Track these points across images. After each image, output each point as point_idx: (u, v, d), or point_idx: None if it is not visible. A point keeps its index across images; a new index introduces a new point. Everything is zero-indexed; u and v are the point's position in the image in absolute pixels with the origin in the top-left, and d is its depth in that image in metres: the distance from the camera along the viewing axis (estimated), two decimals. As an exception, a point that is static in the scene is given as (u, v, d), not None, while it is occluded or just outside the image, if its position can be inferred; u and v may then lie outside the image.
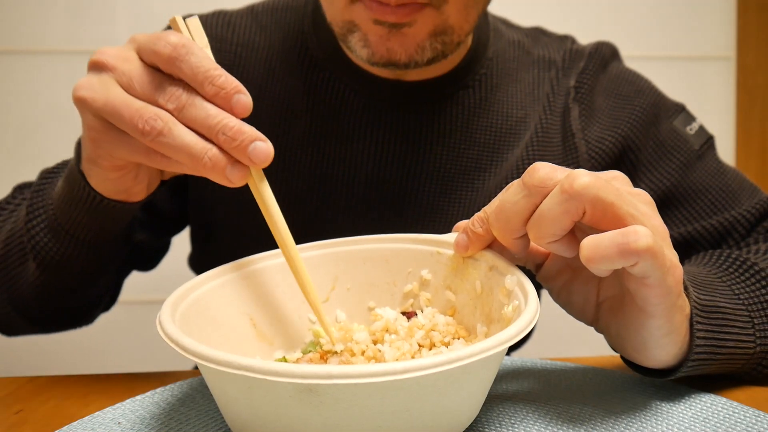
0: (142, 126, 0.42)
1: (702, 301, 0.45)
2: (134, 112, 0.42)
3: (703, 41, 1.51)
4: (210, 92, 0.42)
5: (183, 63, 0.42)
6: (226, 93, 0.43)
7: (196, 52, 0.43)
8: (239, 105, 0.43)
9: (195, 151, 0.42)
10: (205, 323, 0.44)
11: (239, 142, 0.42)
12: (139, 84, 0.43)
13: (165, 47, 0.43)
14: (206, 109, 0.42)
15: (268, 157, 0.43)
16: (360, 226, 0.68)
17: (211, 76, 0.42)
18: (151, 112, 0.42)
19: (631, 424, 0.42)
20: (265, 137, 0.43)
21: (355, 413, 0.34)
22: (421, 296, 0.49)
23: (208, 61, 0.43)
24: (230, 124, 0.42)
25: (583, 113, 0.71)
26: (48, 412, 0.46)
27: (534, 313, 0.38)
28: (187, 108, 0.42)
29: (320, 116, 0.68)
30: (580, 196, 0.38)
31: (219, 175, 0.43)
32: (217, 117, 0.42)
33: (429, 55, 0.60)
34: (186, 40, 0.43)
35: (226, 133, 0.42)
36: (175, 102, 0.43)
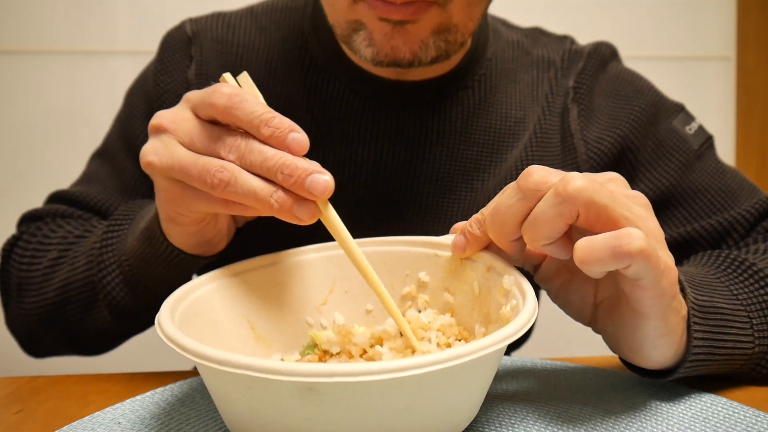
0: (210, 180, 0.43)
1: (700, 301, 0.45)
2: (201, 168, 0.44)
3: (703, 41, 1.51)
4: (266, 134, 0.44)
5: (238, 110, 0.44)
6: (281, 133, 0.44)
7: (249, 99, 0.44)
8: (295, 143, 0.44)
9: (261, 195, 0.43)
10: (203, 325, 0.44)
11: (296, 178, 0.43)
12: (199, 140, 0.45)
13: (220, 98, 0.44)
14: (263, 153, 0.44)
15: (327, 188, 0.43)
16: (359, 227, 0.68)
17: (266, 120, 0.44)
18: (216, 165, 0.44)
19: (631, 424, 0.42)
20: (325, 170, 0.44)
21: (356, 412, 0.34)
22: (420, 298, 0.49)
23: (261, 106, 0.44)
24: (286, 162, 0.43)
25: (582, 113, 0.71)
26: (48, 412, 0.46)
27: (532, 311, 0.38)
28: (247, 155, 0.44)
29: (320, 117, 0.68)
30: (574, 199, 0.38)
31: (287, 214, 0.44)
32: (274, 158, 0.43)
33: (432, 53, 0.60)
34: (238, 90, 0.45)
35: (284, 171, 0.43)
36: (235, 151, 0.44)
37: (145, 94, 0.72)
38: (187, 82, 0.70)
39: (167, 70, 0.71)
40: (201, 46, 0.71)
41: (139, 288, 0.57)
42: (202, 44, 0.71)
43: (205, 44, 0.71)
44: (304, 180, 0.43)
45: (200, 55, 0.70)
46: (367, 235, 0.51)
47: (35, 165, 1.37)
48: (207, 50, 0.71)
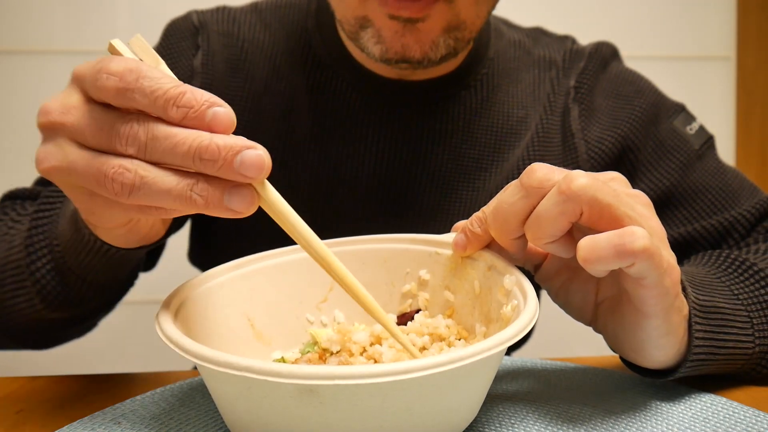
0: (110, 186, 0.35)
1: (701, 301, 0.45)
2: (96, 172, 0.35)
3: (703, 41, 1.51)
4: (177, 116, 0.34)
5: (135, 92, 0.34)
6: (197, 111, 0.34)
7: (148, 74, 0.34)
8: (217, 121, 0.35)
9: (179, 192, 0.35)
10: (202, 323, 0.44)
11: (221, 160, 0.34)
12: (90, 134, 0.36)
13: (108, 80, 0.35)
14: (171, 137, 0.34)
15: (263, 164, 0.34)
16: (361, 225, 0.68)
17: (173, 97, 0.34)
18: (113, 167, 0.35)
19: (631, 424, 0.42)
20: (254, 142, 0.35)
21: (356, 414, 0.34)
22: (420, 296, 0.49)
23: (166, 80, 0.35)
24: (203, 143, 0.34)
25: (583, 113, 0.71)
26: (48, 412, 0.46)
27: (533, 312, 0.38)
28: (150, 145, 0.35)
29: (323, 115, 0.68)
30: (578, 197, 0.38)
31: (218, 208, 0.35)
32: (186, 141, 0.34)
33: (442, 51, 0.60)
34: (132, 63, 0.35)
35: (203, 156, 0.34)
36: (133, 142, 0.35)
37: None
38: (192, 70, 0.70)
39: (172, 56, 0.71)
40: (208, 37, 0.71)
41: (71, 277, 0.52)
42: (209, 35, 0.71)
43: (211, 36, 0.71)
44: (232, 161, 0.34)
45: (207, 45, 0.70)
46: (368, 233, 0.51)
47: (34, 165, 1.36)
48: (213, 42, 0.71)
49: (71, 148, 0.37)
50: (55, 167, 0.37)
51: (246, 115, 0.69)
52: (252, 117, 0.69)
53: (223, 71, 0.70)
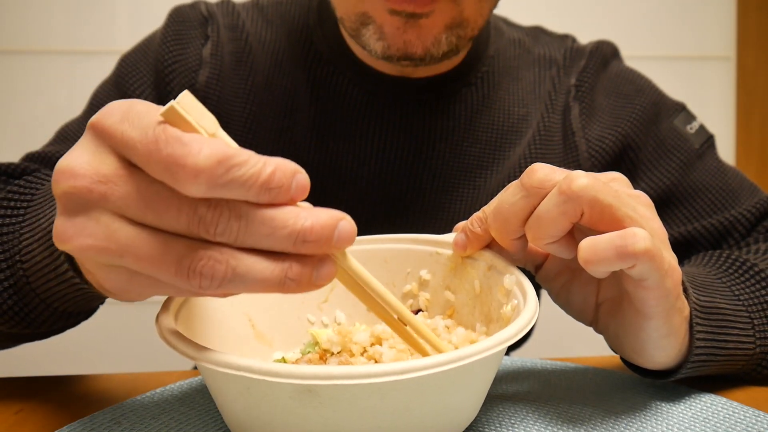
0: (197, 281, 0.30)
1: (702, 302, 0.45)
2: (178, 264, 0.30)
3: (703, 41, 1.51)
4: (268, 199, 0.30)
5: (230, 187, 0.29)
6: (286, 189, 0.31)
7: (239, 161, 0.29)
8: (299, 189, 0.31)
9: (273, 280, 0.31)
10: (203, 323, 0.44)
11: (324, 239, 0.31)
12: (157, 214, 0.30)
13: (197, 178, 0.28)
14: (268, 222, 0.30)
15: (354, 234, 0.32)
16: (362, 222, 0.68)
17: (266, 182, 0.30)
18: (202, 258, 0.30)
19: (631, 424, 0.42)
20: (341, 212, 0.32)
21: (355, 414, 0.34)
22: (421, 296, 0.49)
23: (254, 161, 0.30)
24: (306, 224, 0.31)
25: (584, 112, 0.71)
26: (48, 412, 0.46)
27: (533, 312, 0.38)
28: (244, 231, 0.30)
29: (324, 111, 0.68)
30: (579, 198, 0.38)
31: (306, 287, 0.32)
32: (287, 224, 0.30)
33: (444, 48, 0.60)
34: (219, 151, 0.29)
35: (308, 238, 0.31)
36: (226, 231, 0.30)
37: (149, 60, 0.70)
38: (201, 59, 0.69)
39: (180, 42, 0.70)
40: (217, 28, 0.71)
41: (34, 301, 0.44)
42: (218, 27, 0.71)
43: (220, 28, 0.71)
44: (331, 238, 0.31)
45: (216, 36, 0.70)
46: (369, 232, 0.51)
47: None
48: (222, 34, 0.71)
49: (121, 225, 0.30)
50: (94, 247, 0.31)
51: (249, 109, 0.69)
52: (255, 111, 0.69)
53: (229, 64, 0.70)
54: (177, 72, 0.69)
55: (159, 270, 0.30)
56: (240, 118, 0.69)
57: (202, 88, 0.69)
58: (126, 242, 0.30)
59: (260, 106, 0.69)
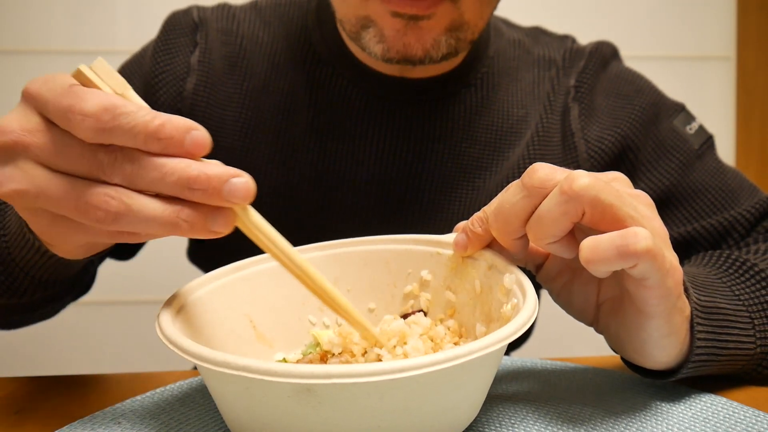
0: (93, 214, 0.34)
1: (702, 302, 0.45)
2: (77, 199, 0.35)
3: (703, 41, 1.51)
4: (158, 148, 0.35)
5: (114, 131, 0.34)
6: (176, 141, 0.35)
7: (124, 110, 0.34)
8: (194, 145, 0.35)
9: (166, 220, 0.35)
10: (204, 325, 0.44)
11: (211, 190, 0.35)
12: (66, 160, 0.35)
13: (83, 122, 0.33)
14: (159, 167, 0.35)
15: (249, 191, 0.36)
16: (361, 223, 0.68)
17: (154, 131, 0.34)
18: (98, 194, 0.34)
19: (631, 424, 0.42)
20: (239, 170, 0.36)
21: (354, 413, 0.34)
22: (422, 297, 0.49)
23: (142, 113, 0.34)
24: (192, 173, 0.35)
25: (583, 113, 0.71)
26: (48, 412, 0.46)
27: (532, 310, 0.38)
28: (137, 174, 0.35)
29: (323, 112, 0.68)
30: (580, 198, 0.38)
31: (201, 231, 0.36)
32: (175, 171, 0.35)
33: (444, 50, 0.60)
34: (106, 100, 0.34)
35: (193, 185, 0.35)
36: (120, 173, 0.35)
37: (142, 71, 0.71)
38: (188, 67, 0.70)
39: (169, 51, 0.71)
40: (207, 34, 0.71)
41: (14, 269, 0.49)
42: (208, 32, 0.71)
43: (210, 33, 0.71)
44: (220, 189, 0.35)
45: (205, 43, 0.71)
46: (368, 233, 0.51)
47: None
48: (212, 39, 0.71)
49: (39, 171, 0.35)
50: (18, 191, 0.35)
51: (245, 113, 0.69)
52: (251, 114, 0.69)
53: (221, 69, 0.70)
54: (164, 82, 0.69)
55: (64, 207, 0.35)
56: (235, 123, 0.69)
57: (189, 95, 0.69)
58: (41, 185, 0.35)
59: (257, 109, 0.69)
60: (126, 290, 1.16)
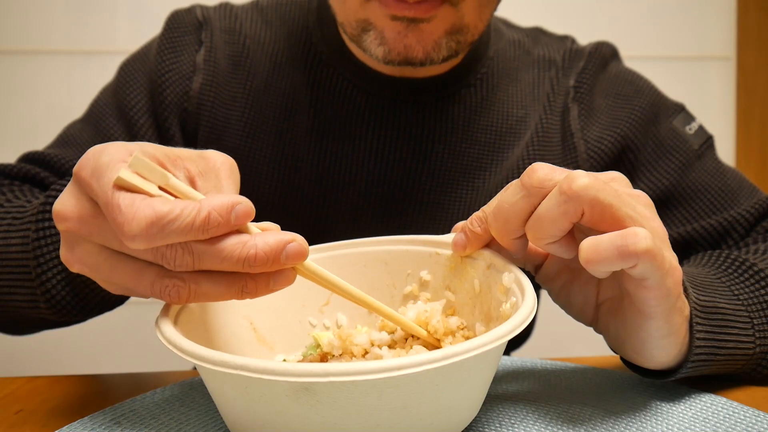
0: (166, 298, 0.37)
1: (702, 302, 0.45)
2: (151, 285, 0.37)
3: (703, 41, 1.51)
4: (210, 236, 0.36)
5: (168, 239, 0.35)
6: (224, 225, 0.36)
7: (171, 217, 0.34)
8: (239, 219, 0.36)
9: (230, 295, 0.38)
10: (204, 327, 0.44)
11: (270, 262, 0.37)
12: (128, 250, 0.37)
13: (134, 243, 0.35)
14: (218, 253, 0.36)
15: (304, 252, 0.38)
16: (361, 223, 0.68)
17: (202, 226, 0.35)
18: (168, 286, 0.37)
19: (631, 424, 0.42)
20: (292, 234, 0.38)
21: (353, 411, 0.34)
22: (421, 297, 0.49)
23: (188, 212, 0.35)
24: (251, 252, 0.36)
25: (583, 113, 0.71)
26: (48, 412, 0.46)
27: (530, 308, 0.38)
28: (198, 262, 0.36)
29: (323, 112, 0.68)
30: (579, 198, 0.38)
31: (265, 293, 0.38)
32: (233, 254, 0.36)
33: (444, 53, 0.60)
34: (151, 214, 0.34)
35: (253, 264, 0.36)
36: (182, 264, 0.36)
37: (146, 69, 0.71)
38: (194, 66, 0.70)
39: (174, 49, 0.70)
40: (212, 32, 0.71)
41: (84, 290, 0.50)
42: (213, 31, 0.71)
43: (215, 32, 0.71)
44: (278, 260, 0.37)
45: (210, 41, 0.70)
46: (368, 233, 0.51)
47: (35, 165, 1.36)
48: (216, 38, 0.71)
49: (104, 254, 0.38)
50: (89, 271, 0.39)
51: (247, 113, 0.69)
52: (253, 113, 0.69)
53: (225, 68, 0.70)
54: (171, 81, 0.69)
55: (137, 290, 0.38)
56: (239, 122, 0.69)
57: (196, 94, 0.69)
58: (109, 267, 0.38)
59: (259, 109, 0.69)
60: (126, 290, 1.16)
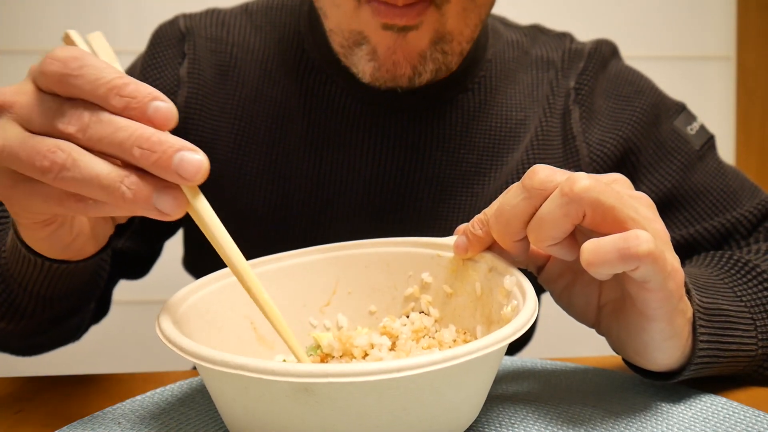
0: (40, 162, 0.34)
1: (705, 303, 0.45)
2: (30, 148, 0.35)
3: (703, 41, 1.51)
4: (119, 105, 0.35)
5: (78, 78, 0.34)
6: (139, 103, 0.35)
7: (92, 63, 0.35)
8: (158, 114, 0.35)
9: (107, 180, 0.34)
10: (204, 326, 0.44)
11: (160, 154, 0.34)
12: (36, 115, 0.36)
13: (52, 65, 0.35)
14: (114, 122, 0.34)
15: (201, 168, 0.34)
16: (358, 232, 0.67)
17: (117, 86, 0.34)
18: (48, 144, 0.35)
19: (631, 424, 0.42)
20: (196, 147, 0.35)
21: (352, 413, 0.34)
22: (422, 299, 0.49)
23: (111, 71, 0.35)
24: (145, 133, 0.34)
25: (584, 115, 0.70)
26: (48, 412, 0.46)
27: (532, 312, 0.38)
28: (92, 127, 0.35)
29: (317, 120, 0.67)
30: (580, 199, 0.38)
31: (144, 205, 0.35)
32: (128, 128, 0.34)
33: (431, 65, 0.59)
34: (78, 52, 0.35)
35: (142, 145, 0.34)
36: (76, 122, 0.35)
37: None
38: (178, 79, 0.68)
39: (157, 65, 0.69)
40: (194, 43, 0.69)
41: (14, 285, 0.49)
42: (196, 42, 0.69)
43: (198, 42, 0.69)
44: (171, 157, 0.34)
45: (193, 52, 0.69)
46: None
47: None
48: (200, 48, 0.69)
49: (13, 128, 0.36)
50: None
51: (238, 123, 0.67)
52: (243, 124, 0.67)
53: (212, 78, 0.68)
54: None
55: (19, 157, 0.35)
56: (229, 133, 0.67)
57: (182, 108, 0.67)
58: (8, 138, 0.35)
59: (249, 119, 0.67)
60: (126, 290, 1.16)
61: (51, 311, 0.53)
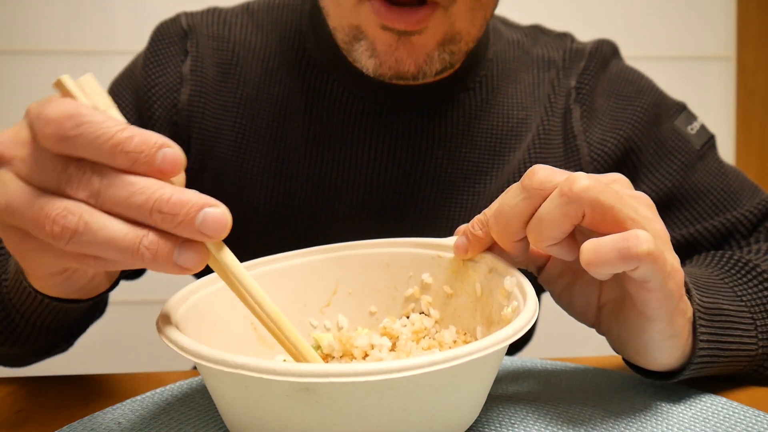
0: (50, 228, 0.32)
1: (705, 303, 0.45)
2: (37, 211, 0.32)
3: (703, 41, 1.51)
4: (125, 163, 0.32)
5: (77, 138, 0.31)
6: (147, 156, 0.32)
7: (89, 119, 0.32)
8: (167, 163, 0.32)
9: (124, 242, 0.32)
10: (205, 326, 0.44)
11: (183, 216, 0.32)
12: (39, 173, 0.33)
13: (46, 126, 0.32)
14: (127, 186, 0.32)
15: (226, 225, 0.33)
16: (360, 231, 0.67)
17: (120, 142, 0.32)
18: (57, 207, 0.32)
19: (631, 424, 0.42)
20: (215, 200, 0.33)
21: (353, 413, 0.34)
22: (422, 300, 0.49)
23: (110, 123, 0.32)
24: (164, 195, 0.32)
25: (585, 115, 0.70)
26: (48, 412, 0.46)
27: (532, 313, 0.38)
28: (103, 192, 0.32)
29: (319, 119, 0.67)
30: (580, 199, 0.38)
31: (166, 265, 0.33)
32: (144, 191, 0.32)
33: (437, 66, 0.59)
34: (72, 107, 0.32)
35: (162, 209, 0.32)
36: (86, 188, 0.32)
37: (133, 86, 0.69)
38: (181, 77, 0.68)
39: (159, 62, 0.69)
40: (197, 41, 0.69)
41: (15, 315, 0.48)
42: (198, 39, 0.69)
43: (201, 40, 0.69)
44: (193, 218, 0.32)
45: (196, 50, 0.69)
46: (366, 239, 0.51)
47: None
48: (203, 46, 0.69)
49: (15, 183, 0.33)
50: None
51: (239, 121, 0.67)
52: (245, 122, 0.67)
53: (214, 76, 0.68)
54: (158, 95, 0.67)
55: (24, 219, 0.33)
56: (230, 131, 0.67)
57: (184, 106, 0.67)
58: (12, 195, 0.33)
59: (251, 117, 0.67)
60: (126, 290, 1.16)
61: (54, 338, 0.52)
